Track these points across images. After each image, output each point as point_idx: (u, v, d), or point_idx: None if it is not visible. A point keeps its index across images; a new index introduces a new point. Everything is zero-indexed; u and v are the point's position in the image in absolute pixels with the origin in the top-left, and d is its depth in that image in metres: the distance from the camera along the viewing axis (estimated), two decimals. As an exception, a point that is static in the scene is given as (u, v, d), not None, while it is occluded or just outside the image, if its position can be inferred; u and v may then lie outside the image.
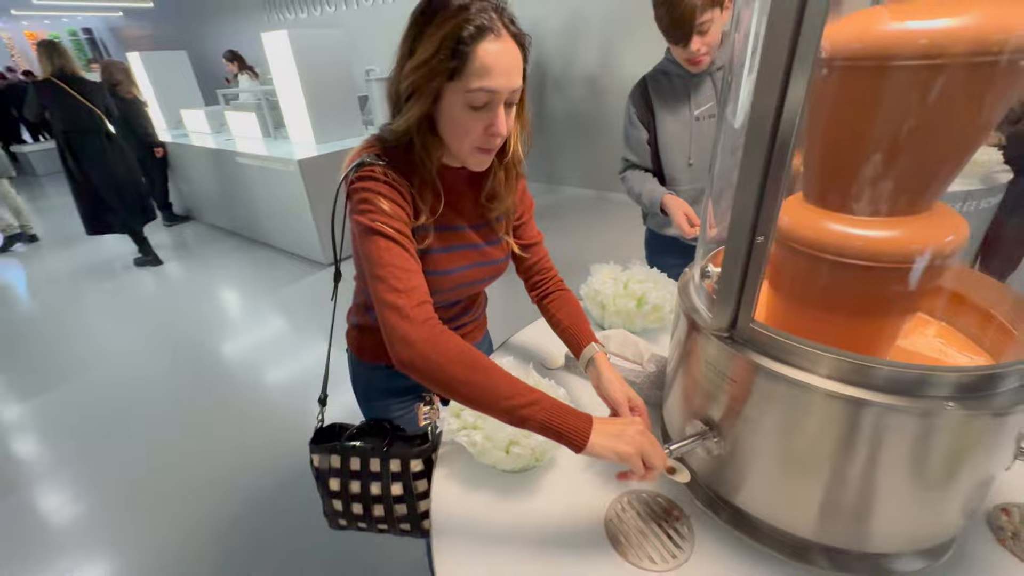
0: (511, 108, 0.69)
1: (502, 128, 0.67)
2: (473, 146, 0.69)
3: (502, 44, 0.62)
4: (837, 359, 0.52)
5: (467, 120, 0.66)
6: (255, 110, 4.21)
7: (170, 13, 9.60)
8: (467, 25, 0.59)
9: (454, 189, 0.78)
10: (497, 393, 0.60)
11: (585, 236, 3.96)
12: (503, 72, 0.63)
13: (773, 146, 0.46)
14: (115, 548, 1.63)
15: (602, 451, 0.59)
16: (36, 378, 2.62)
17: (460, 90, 0.63)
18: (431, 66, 0.62)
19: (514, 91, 0.66)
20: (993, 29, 0.43)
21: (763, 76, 0.44)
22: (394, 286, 0.64)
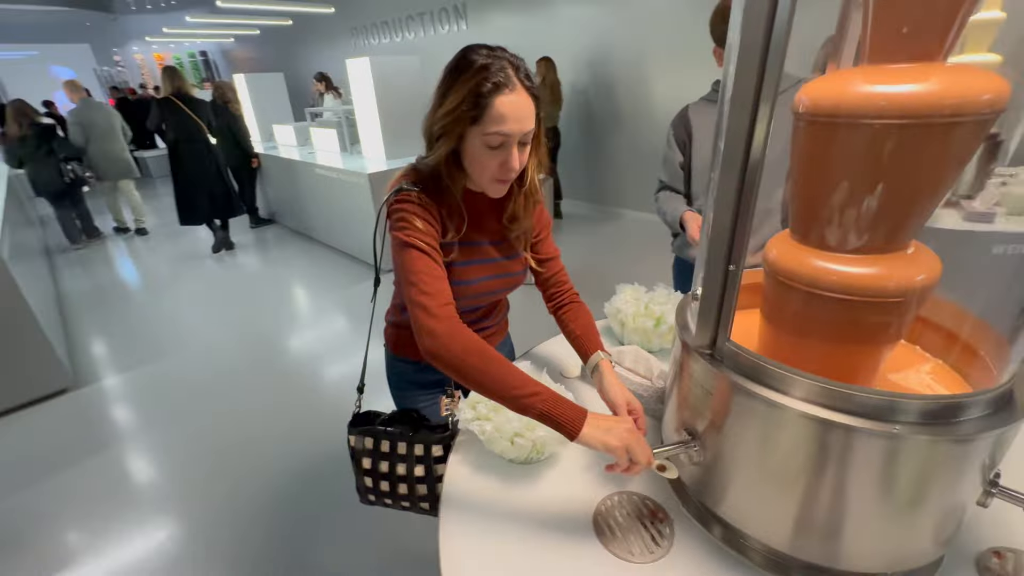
0: (525, 147, 0.81)
1: (515, 164, 0.79)
2: (491, 178, 0.82)
3: (516, 96, 0.75)
4: (808, 382, 0.57)
5: (485, 157, 0.79)
6: (336, 127, 4.63)
7: (272, 39, 10.75)
8: (486, 82, 0.73)
9: (478, 211, 0.91)
10: (505, 383, 0.70)
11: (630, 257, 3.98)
12: (516, 119, 0.75)
13: (741, 192, 0.53)
14: (181, 505, 1.86)
15: (592, 441, 0.67)
16: (136, 351, 3.03)
17: (479, 133, 0.76)
18: (457, 114, 0.75)
19: (526, 133, 0.78)
20: (952, 95, 0.48)
21: (732, 125, 0.52)
22: (423, 289, 0.77)
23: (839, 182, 0.56)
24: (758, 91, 0.49)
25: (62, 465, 2.10)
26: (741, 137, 0.52)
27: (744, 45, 0.48)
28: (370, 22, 7.68)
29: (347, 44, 8.44)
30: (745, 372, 0.62)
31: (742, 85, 0.49)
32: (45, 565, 1.64)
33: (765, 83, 0.48)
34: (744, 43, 0.48)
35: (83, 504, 1.90)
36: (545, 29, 5.27)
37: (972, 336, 0.67)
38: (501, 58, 0.75)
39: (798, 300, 0.63)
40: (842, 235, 0.59)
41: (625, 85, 4.73)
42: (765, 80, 0.48)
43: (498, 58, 0.75)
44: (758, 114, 0.50)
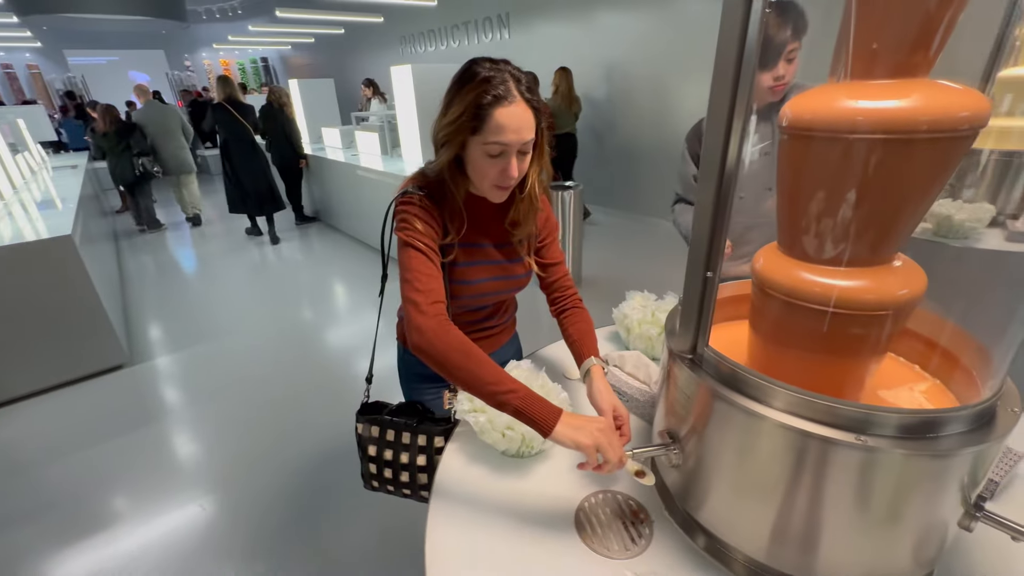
0: (525, 156, 0.84)
1: (513, 172, 0.83)
2: (491, 184, 0.86)
3: (515, 108, 0.78)
4: (785, 392, 0.58)
5: (485, 165, 0.83)
6: (378, 131, 4.82)
7: (325, 46, 11.29)
8: (486, 95, 0.77)
9: (481, 214, 0.94)
10: (484, 379, 0.74)
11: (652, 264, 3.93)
12: (514, 130, 0.79)
13: (718, 202, 0.55)
14: (215, 478, 1.99)
15: (563, 439, 0.70)
16: (186, 333, 3.26)
17: (480, 142, 0.80)
18: (459, 124, 0.80)
19: (524, 143, 0.81)
20: (929, 111, 0.49)
21: (710, 138, 0.54)
22: (416, 287, 0.81)
23: (820, 195, 0.57)
24: (731, 106, 0.51)
25: (112, 435, 2.29)
26: (717, 150, 0.54)
27: (719, 63, 0.50)
28: (417, 31, 7.94)
29: (395, 52, 8.76)
30: (724, 379, 0.63)
31: (717, 100, 0.52)
32: (91, 524, 1.80)
33: (738, 99, 0.50)
34: (719, 61, 0.50)
35: (128, 472, 2.06)
36: (586, 37, 5.30)
37: (970, 358, 0.65)
38: (503, 71, 0.79)
39: (782, 311, 0.64)
40: (824, 247, 0.60)
41: (664, 91, 4.69)
42: (738, 96, 0.50)
43: (500, 71, 0.79)
44: (732, 128, 0.52)
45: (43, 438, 2.29)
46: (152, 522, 1.81)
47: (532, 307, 1.14)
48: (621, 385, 1.00)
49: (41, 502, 1.92)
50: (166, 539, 1.74)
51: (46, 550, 1.71)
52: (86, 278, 2.61)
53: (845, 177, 0.55)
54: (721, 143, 0.53)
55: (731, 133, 0.52)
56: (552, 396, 0.90)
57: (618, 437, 0.72)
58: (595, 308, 1.04)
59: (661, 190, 5.00)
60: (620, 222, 5.37)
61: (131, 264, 4.72)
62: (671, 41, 4.49)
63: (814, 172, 0.57)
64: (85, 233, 3.10)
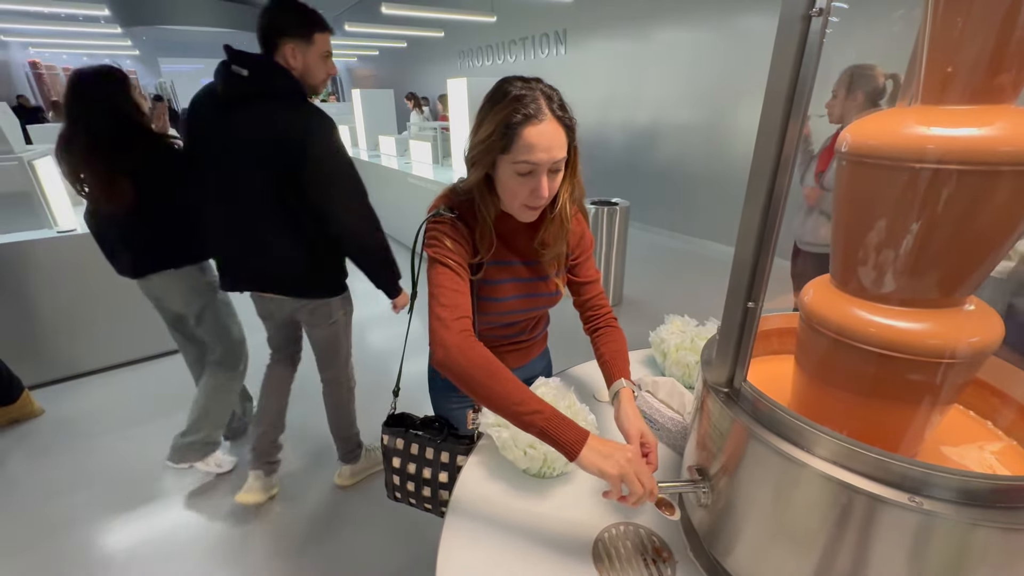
0: (556, 174, 0.82)
1: (543, 192, 0.80)
2: (521, 204, 0.84)
3: (545, 127, 0.76)
4: (829, 439, 0.53)
5: (515, 185, 0.81)
6: (431, 140, 4.96)
7: (389, 59, 11.82)
8: (516, 114, 0.75)
9: (511, 233, 0.93)
10: (509, 399, 0.72)
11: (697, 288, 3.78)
12: (544, 149, 0.77)
13: (764, 227, 0.52)
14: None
15: (589, 465, 0.67)
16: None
17: (509, 161, 0.79)
18: (489, 143, 0.79)
19: (555, 162, 0.79)
20: (1009, 142, 0.44)
21: (758, 159, 0.51)
22: (442, 302, 0.80)
23: (881, 227, 0.53)
24: (784, 127, 0.48)
25: (162, 415, 2.44)
26: (766, 174, 0.50)
27: (772, 82, 0.48)
28: (475, 45, 8.16)
29: (453, 65, 9.03)
30: (762, 419, 0.58)
31: (769, 120, 0.49)
32: (137, 496, 1.92)
33: (791, 120, 0.47)
34: (772, 80, 0.48)
35: (175, 450, 2.19)
36: (643, 54, 5.26)
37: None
38: (534, 89, 0.77)
39: (832, 350, 0.59)
40: (884, 284, 0.55)
41: (717, 112, 4.55)
42: (791, 117, 0.47)
43: (532, 89, 0.77)
44: (784, 150, 0.48)
45: (102, 412, 2.47)
46: (190, 500, 1.91)
47: (566, 324, 1.12)
48: (652, 412, 0.96)
49: (95, 471, 2.07)
50: (201, 516, 1.82)
51: (96, 516, 1.83)
52: (155, 266, 2.82)
53: (910, 210, 0.50)
54: (771, 167, 0.50)
55: (782, 156, 0.49)
56: (579, 418, 0.87)
57: (647, 467, 0.68)
58: (634, 329, 1.01)
59: (711, 210, 4.84)
60: (665, 241, 5.23)
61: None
62: (727, 59, 4.37)
63: (875, 202, 0.53)
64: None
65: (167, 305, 1.87)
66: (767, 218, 0.52)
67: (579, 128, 0.86)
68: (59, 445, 2.23)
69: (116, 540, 1.74)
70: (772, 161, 0.50)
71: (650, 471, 0.71)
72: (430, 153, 5.00)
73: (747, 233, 0.54)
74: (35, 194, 2.58)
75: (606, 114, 5.86)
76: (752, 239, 0.53)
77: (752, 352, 0.58)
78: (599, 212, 3.34)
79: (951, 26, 0.47)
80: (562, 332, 1.23)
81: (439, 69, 9.62)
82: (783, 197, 0.50)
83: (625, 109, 5.64)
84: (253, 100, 1.34)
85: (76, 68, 1.58)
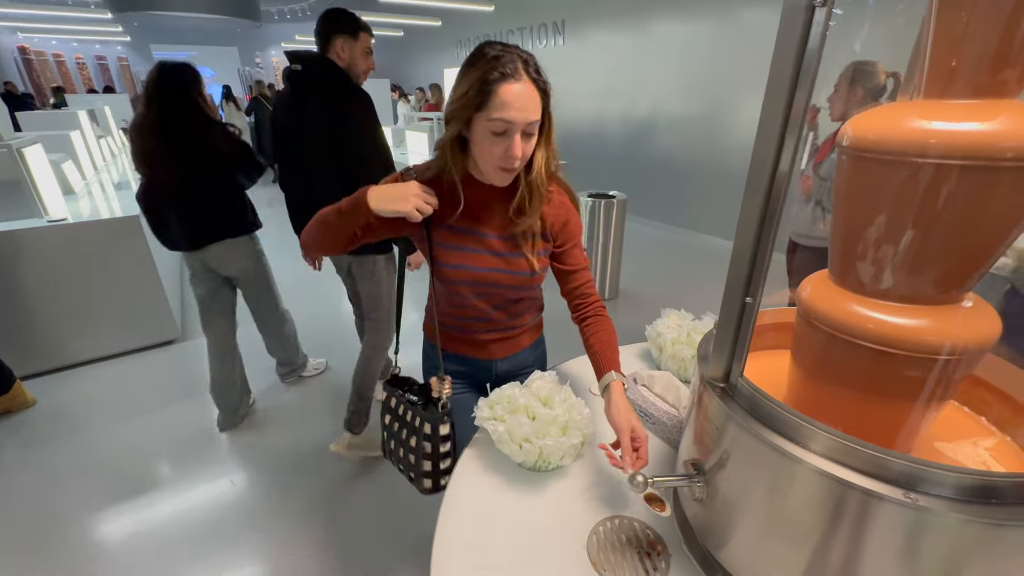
0: (530, 138, 0.84)
1: (517, 152, 0.82)
2: (495, 165, 0.85)
3: (521, 86, 0.78)
4: (825, 435, 0.53)
5: (489, 144, 0.82)
6: (427, 131, 4.93)
7: (385, 48, 11.67)
8: (493, 71, 0.77)
9: (482, 202, 0.93)
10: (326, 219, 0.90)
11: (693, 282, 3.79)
12: (519, 108, 0.78)
13: (763, 221, 0.51)
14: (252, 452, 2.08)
15: (385, 210, 0.84)
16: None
17: (484, 119, 0.80)
18: (465, 100, 0.80)
19: (529, 123, 0.81)
20: (1014, 136, 0.43)
21: (759, 152, 0.50)
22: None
23: (880, 223, 0.52)
24: (786, 119, 0.47)
25: (159, 406, 2.43)
26: (767, 165, 0.50)
27: (774, 70, 0.47)
28: (473, 35, 8.08)
29: (450, 55, 8.94)
30: (758, 414, 0.58)
31: (770, 112, 0.48)
32: (134, 486, 1.91)
33: (792, 112, 0.46)
34: (774, 69, 0.47)
35: (170, 441, 2.18)
36: (642, 46, 5.22)
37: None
38: (512, 52, 0.80)
39: (829, 346, 0.59)
40: (882, 280, 0.54)
41: (717, 104, 4.54)
42: (792, 109, 0.46)
43: (509, 52, 0.79)
44: (784, 142, 0.48)
45: (98, 402, 2.46)
46: (188, 491, 1.90)
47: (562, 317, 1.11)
48: (648, 407, 0.96)
49: (92, 461, 2.06)
50: (199, 508, 1.82)
51: (93, 506, 1.83)
52: (148, 256, 2.79)
53: (911, 205, 0.49)
54: (772, 158, 0.49)
55: (783, 147, 0.48)
56: (574, 412, 0.87)
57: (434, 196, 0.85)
58: (630, 322, 1.00)
59: (708, 205, 4.84)
60: (662, 235, 5.23)
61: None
62: (726, 52, 4.34)
63: (875, 198, 0.52)
64: (152, 214, 3.32)
65: (223, 271, 2.11)
66: (766, 212, 0.51)
67: (577, 120, 0.89)
68: (52, 436, 2.21)
69: (112, 531, 1.73)
70: (772, 154, 0.49)
71: (641, 465, 0.72)
72: (427, 143, 4.96)
73: (746, 227, 0.53)
74: (24, 182, 2.54)
75: (604, 106, 5.82)
76: (751, 233, 0.53)
77: (749, 347, 0.58)
78: (596, 205, 3.32)
79: (955, 20, 0.46)
80: (555, 325, 1.22)
81: (436, 59, 9.52)
82: (783, 191, 0.49)
83: (624, 101, 5.60)
84: (309, 88, 1.67)
85: (160, 60, 1.88)
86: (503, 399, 0.90)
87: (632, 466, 0.75)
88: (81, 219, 2.61)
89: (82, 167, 3.75)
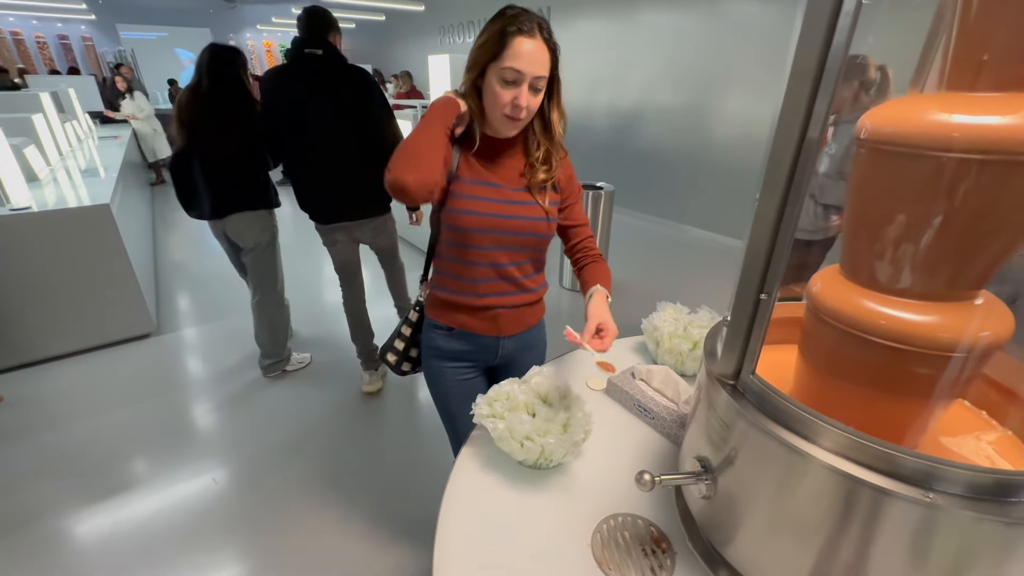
0: (537, 93, 0.92)
1: (523, 101, 0.90)
2: (502, 113, 0.92)
3: (534, 43, 0.88)
4: (838, 432, 0.52)
5: (499, 91, 0.90)
6: (411, 119, 4.82)
7: (366, 33, 11.38)
8: (511, 25, 0.87)
9: (496, 155, 1.01)
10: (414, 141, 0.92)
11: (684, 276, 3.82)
12: (529, 61, 0.87)
13: (782, 218, 0.50)
14: (231, 449, 2.02)
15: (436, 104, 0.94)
16: (213, 307, 3.32)
17: (497, 68, 0.89)
18: (484, 48, 0.89)
19: (537, 77, 0.89)
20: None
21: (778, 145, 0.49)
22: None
23: (897, 217, 0.51)
24: (808, 111, 0.46)
25: (135, 402, 2.35)
26: (787, 159, 0.48)
27: (797, 60, 0.45)
28: (457, 21, 7.92)
29: (434, 41, 8.76)
30: (769, 411, 0.57)
31: (792, 103, 0.46)
32: (110, 485, 1.85)
33: (817, 103, 0.45)
34: (797, 58, 0.45)
35: (147, 438, 2.11)
36: (627, 35, 5.19)
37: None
38: (530, 14, 0.89)
39: (840, 342, 0.58)
40: (896, 276, 0.54)
41: (703, 95, 4.55)
42: (817, 100, 0.45)
43: (528, 13, 0.89)
44: (807, 136, 0.46)
45: (71, 399, 2.36)
46: (167, 488, 1.85)
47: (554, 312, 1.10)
48: (647, 401, 0.95)
49: (65, 460, 1.98)
50: (179, 505, 1.77)
51: (68, 506, 1.76)
52: (121, 247, 2.68)
53: (930, 200, 0.49)
54: (792, 153, 0.48)
55: (805, 143, 0.46)
56: (575, 408, 0.86)
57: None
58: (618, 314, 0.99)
59: (694, 197, 4.87)
60: (648, 226, 5.25)
61: (165, 234, 4.84)
62: (714, 43, 4.35)
63: (893, 192, 0.51)
64: (124, 203, 3.18)
65: (240, 242, 2.28)
66: (784, 207, 0.50)
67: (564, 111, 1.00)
68: (21, 434, 2.12)
69: (87, 531, 1.67)
70: (793, 147, 0.48)
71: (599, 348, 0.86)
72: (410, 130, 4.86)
73: (763, 222, 0.52)
74: (-17, 168, 2.40)
75: (591, 96, 5.79)
76: (768, 228, 0.51)
77: (762, 345, 0.57)
78: (583, 196, 3.31)
79: (983, 12, 0.45)
80: (550, 319, 1.20)
81: (419, 45, 9.32)
82: (804, 186, 0.48)
83: (610, 91, 5.58)
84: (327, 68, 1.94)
85: (211, 42, 2.12)
86: (502, 395, 0.88)
87: (591, 345, 0.85)
88: (47, 208, 2.48)
89: (46, 152, 3.56)
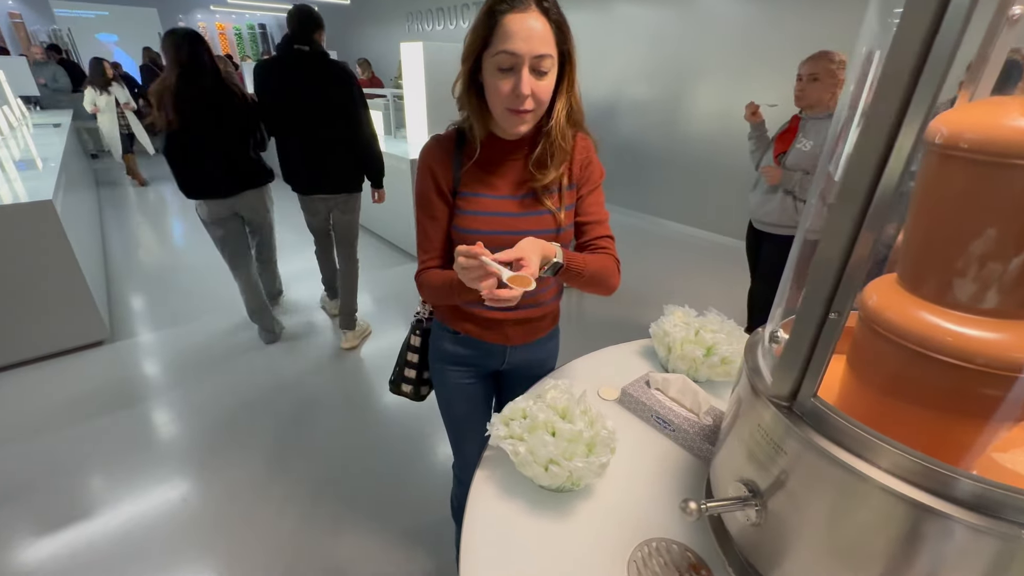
0: (542, 77, 0.78)
1: (524, 88, 0.76)
2: (504, 107, 0.80)
3: (527, 16, 0.74)
4: (904, 456, 0.49)
5: (497, 82, 0.77)
6: (382, 110, 4.64)
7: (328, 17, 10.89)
8: (499, 4, 0.74)
9: (506, 156, 0.90)
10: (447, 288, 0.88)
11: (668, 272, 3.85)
12: (524, 39, 0.74)
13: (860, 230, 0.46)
14: (199, 460, 1.88)
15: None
16: (169, 311, 3.10)
17: (491, 55, 0.76)
18: (475, 33, 0.78)
19: (537, 57, 0.76)
20: None
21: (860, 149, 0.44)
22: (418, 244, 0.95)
23: (971, 230, 0.48)
24: (901, 114, 0.41)
25: (92, 415, 2.16)
26: (869, 168, 0.44)
27: (892, 58, 0.40)
28: (426, 8, 7.68)
29: (401, 28, 8.47)
30: (827, 432, 0.54)
31: (883, 104, 0.42)
32: (64, 508, 1.68)
33: (912, 107, 0.40)
34: (892, 56, 0.40)
35: (107, 454, 1.94)
36: (603, 26, 5.15)
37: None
38: None
39: (898, 358, 0.55)
40: (965, 291, 0.51)
41: (681, 89, 4.57)
42: (913, 100, 0.40)
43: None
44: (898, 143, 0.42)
45: (19, 414, 2.15)
46: (132, 509, 1.70)
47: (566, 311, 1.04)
48: (667, 413, 0.91)
49: (17, 482, 1.80)
50: (147, 531, 1.62)
51: (22, 533, 1.60)
52: (67, 247, 2.45)
53: (1011, 213, 0.45)
54: (876, 161, 0.43)
55: (894, 150, 0.42)
56: (596, 425, 0.80)
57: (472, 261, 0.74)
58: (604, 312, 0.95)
59: (669, 191, 4.91)
60: (626, 220, 5.26)
61: (116, 233, 4.51)
62: (690, 38, 4.37)
63: (969, 203, 0.48)
64: (68, 198, 2.92)
65: (249, 215, 2.54)
66: (863, 220, 0.46)
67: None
68: (-43, 458, 1.91)
69: (41, 564, 1.51)
70: (878, 154, 0.43)
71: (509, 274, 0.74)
72: (381, 123, 4.67)
73: (836, 233, 0.47)
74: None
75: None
76: (842, 240, 0.47)
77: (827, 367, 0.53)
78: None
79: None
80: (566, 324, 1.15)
81: (387, 33, 8.99)
82: (889, 198, 0.44)
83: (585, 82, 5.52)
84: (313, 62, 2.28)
85: (184, 28, 2.20)
86: (518, 413, 0.82)
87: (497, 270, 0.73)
88: (-22, 204, 2.23)
89: (-26, 142, 3.22)
